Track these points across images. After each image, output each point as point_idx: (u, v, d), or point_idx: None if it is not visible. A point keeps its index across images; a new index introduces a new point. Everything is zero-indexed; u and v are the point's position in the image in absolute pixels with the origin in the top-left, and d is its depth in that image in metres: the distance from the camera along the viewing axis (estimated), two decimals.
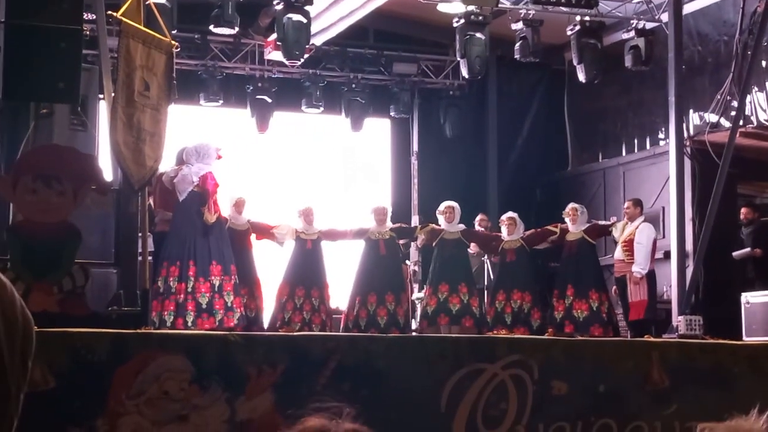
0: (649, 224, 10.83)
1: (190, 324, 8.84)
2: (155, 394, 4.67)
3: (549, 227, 11.14)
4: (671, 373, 5.67)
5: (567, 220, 10.98)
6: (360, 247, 11.29)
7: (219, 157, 9.50)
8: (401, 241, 11.50)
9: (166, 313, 8.90)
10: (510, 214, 11.28)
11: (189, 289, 8.96)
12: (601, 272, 11.02)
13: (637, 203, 10.91)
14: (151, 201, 9.02)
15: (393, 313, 10.83)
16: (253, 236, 10.87)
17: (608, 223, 11.14)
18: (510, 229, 11.18)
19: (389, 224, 11.23)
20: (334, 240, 11.46)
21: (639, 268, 10.43)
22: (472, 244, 11.59)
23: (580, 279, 10.77)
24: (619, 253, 10.73)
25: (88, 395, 4.63)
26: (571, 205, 11.03)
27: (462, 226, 11.26)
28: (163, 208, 9.55)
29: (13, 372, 1.26)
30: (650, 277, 10.61)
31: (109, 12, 7.88)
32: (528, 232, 11.18)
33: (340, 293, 11.50)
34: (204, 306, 9.00)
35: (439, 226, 11.20)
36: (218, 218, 9.27)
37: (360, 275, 11.21)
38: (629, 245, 10.58)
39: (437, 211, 11.26)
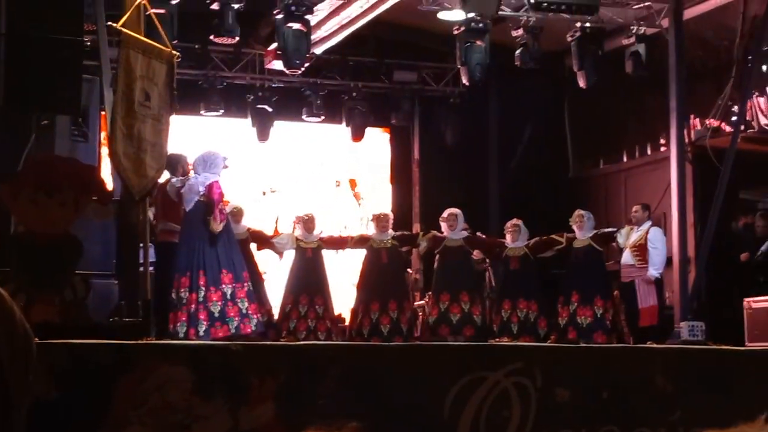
0: (660, 228, 10.86)
1: (202, 333, 8.83)
2: (157, 404, 4.66)
3: (554, 236, 11.12)
4: (674, 379, 5.66)
5: (574, 226, 10.97)
6: (361, 256, 11.30)
7: (226, 167, 9.50)
8: (403, 249, 11.49)
9: (178, 324, 8.90)
10: (515, 221, 11.26)
11: (200, 299, 8.95)
12: (608, 279, 11.00)
13: (645, 207, 10.93)
14: (151, 211, 9.01)
15: (396, 321, 10.82)
16: (253, 246, 10.89)
17: (613, 229, 11.14)
18: (514, 236, 11.17)
19: (391, 232, 11.22)
20: (335, 248, 11.45)
21: (655, 269, 10.46)
22: (475, 251, 11.58)
23: (586, 286, 10.76)
24: (628, 258, 10.72)
25: (89, 406, 4.62)
26: (578, 211, 11.02)
27: (464, 234, 11.25)
28: (165, 219, 9.55)
29: (16, 384, 1.27)
30: (658, 282, 10.62)
31: (109, 23, 7.89)
32: (533, 240, 11.16)
33: (341, 301, 11.51)
34: (216, 315, 8.98)
35: (442, 233, 11.19)
36: (226, 227, 9.27)
37: (362, 284, 11.20)
38: (640, 250, 10.58)
39: (440, 218, 11.25)
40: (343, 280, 11.77)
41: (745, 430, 1.54)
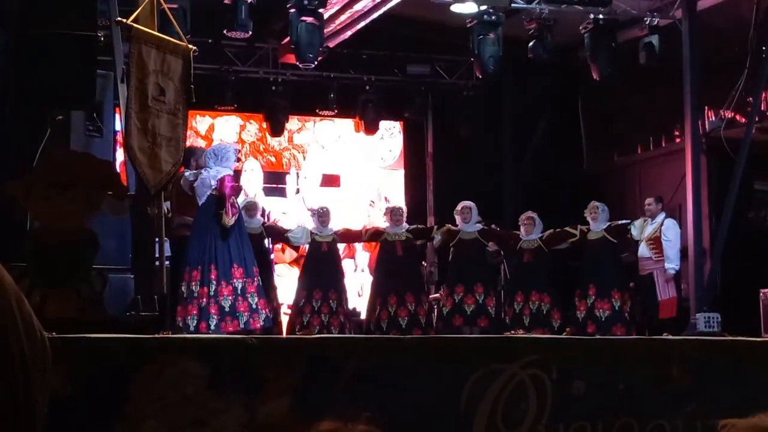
0: (674, 220, 10.84)
1: (213, 327, 8.86)
2: (173, 399, 4.67)
3: (568, 228, 11.11)
4: (691, 371, 5.64)
5: (588, 218, 10.97)
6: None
7: (238, 159, 9.52)
8: (418, 242, 11.50)
9: (189, 317, 8.93)
10: (529, 213, 11.27)
11: (211, 293, 8.97)
12: (623, 271, 10.99)
13: (659, 200, 10.93)
14: (167, 206, 9.03)
15: (414, 314, 10.84)
16: (267, 240, 10.90)
17: (627, 221, 11.12)
18: (528, 228, 11.17)
19: (405, 225, 11.23)
20: (349, 242, 11.47)
21: (673, 265, 10.45)
22: (490, 243, 11.57)
23: (603, 278, 10.75)
24: (644, 250, 10.71)
25: (106, 401, 4.63)
26: (593, 203, 11.02)
27: (479, 226, 11.26)
28: (180, 212, 9.57)
29: (37, 384, 1.29)
30: (676, 274, 10.62)
31: (118, 18, 7.90)
32: (547, 233, 11.17)
33: (356, 295, 11.52)
34: (227, 309, 9.01)
35: (456, 226, 11.19)
36: (237, 221, 9.28)
37: (378, 277, 11.23)
38: (656, 243, 10.58)
39: (454, 211, 11.25)
40: (361, 275, 11.79)
41: (764, 421, 1.54)
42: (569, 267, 11.54)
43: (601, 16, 11.92)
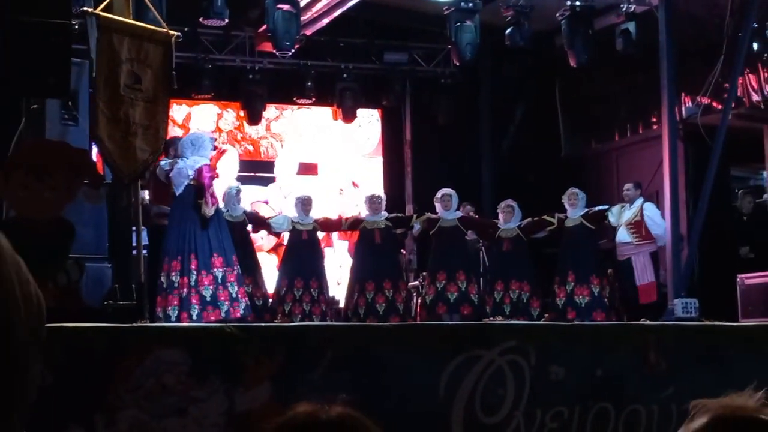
0: (652, 203, 10.92)
1: (195, 317, 8.86)
2: (153, 387, 4.67)
3: (546, 217, 11.15)
4: (668, 356, 5.67)
5: (566, 204, 11.01)
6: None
7: (216, 149, 9.50)
8: (398, 231, 11.51)
9: (170, 308, 8.91)
10: (508, 201, 11.30)
11: (192, 283, 8.96)
12: (602, 257, 11.04)
13: (638, 185, 11.02)
14: (146, 194, 9.00)
15: (392, 300, 10.86)
16: (249, 227, 10.89)
17: (604, 208, 11.17)
18: (507, 216, 11.20)
19: (384, 213, 11.24)
20: (329, 230, 11.46)
21: (662, 241, 10.56)
22: (469, 231, 11.60)
23: (581, 265, 10.81)
24: (624, 235, 10.76)
25: (86, 390, 4.62)
26: (571, 189, 11.07)
27: (459, 214, 11.29)
28: (157, 201, 9.55)
29: (31, 349, 1.30)
30: (654, 258, 10.68)
31: (84, 8, 7.84)
32: (525, 221, 11.20)
33: (336, 283, 11.52)
34: (208, 299, 9.01)
35: (436, 214, 11.21)
36: (216, 210, 9.27)
37: (357, 264, 11.24)
38: (637, 226, 10.65)
39: (434, 199, 11.27)
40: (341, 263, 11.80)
41: (734, 400, 1.56)
42: (545, 254, 11.59)
43: (577, 3, 11.94)
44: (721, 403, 1.76)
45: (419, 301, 11.43)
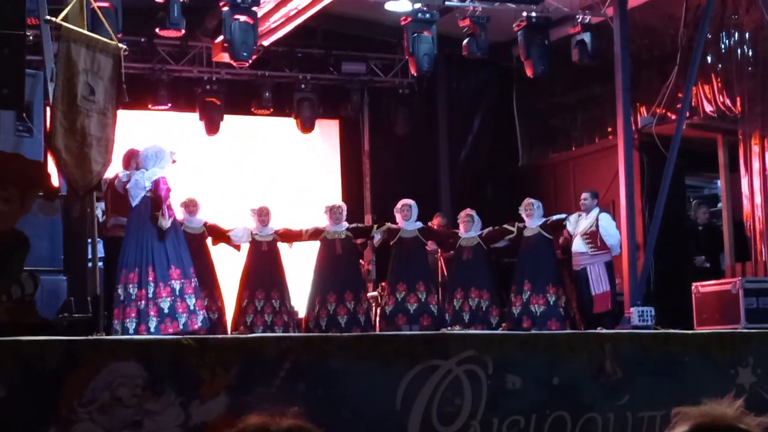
0: (608, 213, 11.00)
1: (153, 330, 8.79)
2: (108, 400, 4.63)
3: (506, 226, 11.20)
4: (624, 364, 5.72)
5: (523, 215, 11.06)
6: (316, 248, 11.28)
7: (174, 162, 9.46)
8: (358, 241, 11.50)
9: (127, 320, 8.85)
10: (468, 211, 11.34)
11: (150, 295, 8.90)
12: (559, 266, 11.09)
13: (595, 195, 11.10)
14: (100, 206, 8.93)
15: (353, 312, 10.84)
16: (209, 240, 10.84)
17: (562, 216, 11.23)
18: (467, 226, 11.24)
19: (345, 224, 11.23)
20: (289, 241, 11.42)
21: (616, 251, 10.63)
22: (429, 242, 11.62)
23: (537, 274, 10.85)
24: (579, 245, 10.82)
25: (39, 404, 4.58)
26: (527, 200, 11.12)
27: (419, 224, 11.30)
28: (114, 213, 9.48)
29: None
30: (609, 268, 10.75)
31: (47, 17, 7.79)
32: (485, 231, 11.25)
33: (297, 294, 11.47)
34: (166, 311, 8.95)
35: (396, 224, 11.22)
36: (173, 222, 9.23)
37: (318, 276, 11.19)
38: (592, 237, 10.71)
39: (395, 210, 11.28)
40: (302, 274, 11.73)
41: (715, 408, 1.57)
42: (504, 263, 11.63)
43: (533, 14, 12.02)
44: (701, 410, 1.78)
45: (378, 311, 11.42)
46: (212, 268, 10.71)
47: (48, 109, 8.49)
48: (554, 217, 11.26)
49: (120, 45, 8.09)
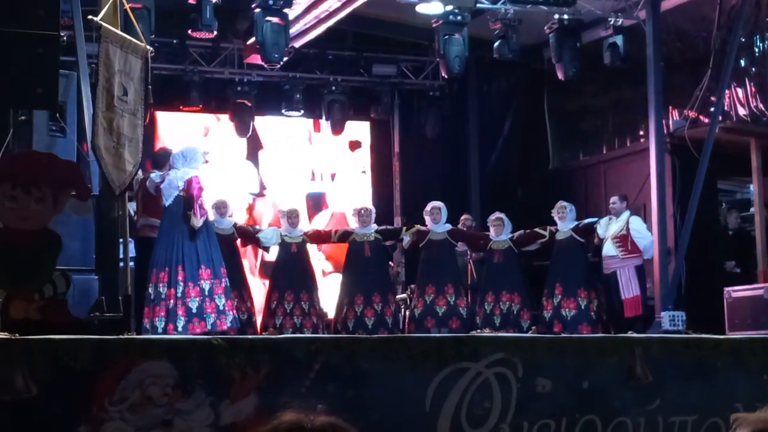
0: (638, 216, 10.95)
1: (180, 329, 8.83)
2: (138, 400, 4.65)
3: (538, 229, 11.17)
4: (655, 368, 5.68)
5: (556, 218, 11.02)
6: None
7: (206, 161, 9.51)
8: (387, 243, 11.51)
9: (156, 319, 8.89)
10: (498, 214, 11.31)
11: (179, 294, 8.94)
12: (591, 270, 11.04)
13: (624, 198, 11.05)
14: (131, 206, 8.99)
15: (380, 314, 10.84)
16: (239, 241, 10.88)
17: (594, 220, 11.19)
18: (498, 229, 11.22)
19: (374, 226, 11.24)
20: (319, 243, 11.44)
21: (648, 254, 10.58)
22: (459, 243, 11.60)
23: (569, 277, 10.81)
24: (610, 249, 10.78)
25: (70, 402, 4.60)
26: (560, 203, 11.09)
27: (449, 227, 11.29)
28: (145, 213, 9.54)
29: None
30: (639, 272, 10.69)
31: (90, 17, 7.86)
32: (517, 234, 11.22)
33: (326, 296, 11.50)
34: (194, 311, 8.99)
35: (425, 226, 11.21)
36: (205, 222, 9.27)
37: (346, 277, 11.21)
38: (622, 240, 10.66)
39: (424, 212, 11.28)
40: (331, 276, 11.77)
41: (749, 416, 1.59)
42: (534, 266, 11.60)
43: (565, 17, 11.98)
44: (761, 416, 1.78)
45: (407, 314, 11.41)
46: (242, 270, 10.75)
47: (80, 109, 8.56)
48: (585, 221, 11.22)
49: (147, 47, 8.15)
